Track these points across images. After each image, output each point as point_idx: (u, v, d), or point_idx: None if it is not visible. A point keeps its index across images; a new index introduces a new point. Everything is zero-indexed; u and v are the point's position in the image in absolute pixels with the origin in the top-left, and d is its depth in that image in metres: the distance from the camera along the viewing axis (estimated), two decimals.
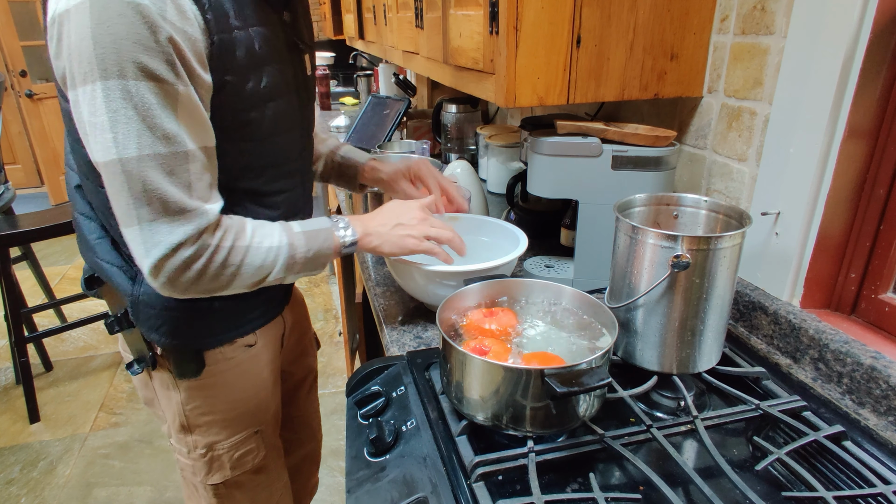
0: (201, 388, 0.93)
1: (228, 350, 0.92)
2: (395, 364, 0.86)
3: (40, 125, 4.68)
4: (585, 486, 0.63)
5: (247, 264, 0.75)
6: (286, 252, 0.78)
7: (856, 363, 0.72)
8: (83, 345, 2.88)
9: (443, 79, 1.29)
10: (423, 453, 0.68)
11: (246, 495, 1.04)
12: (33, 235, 2.22)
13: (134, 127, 0.64)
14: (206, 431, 0.96)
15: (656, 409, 0.77)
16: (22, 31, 4.50)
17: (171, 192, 0.67)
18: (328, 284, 3.47)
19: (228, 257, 0.73)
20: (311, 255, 0.81)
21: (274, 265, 0.77)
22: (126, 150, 0.64)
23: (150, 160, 0.66)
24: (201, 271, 0.72)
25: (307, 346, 1.24)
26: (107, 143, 0.64)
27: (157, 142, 0.65)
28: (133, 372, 0.93)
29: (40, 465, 2.12)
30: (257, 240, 0.76)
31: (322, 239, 0.82)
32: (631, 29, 0.92)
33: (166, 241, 0.68)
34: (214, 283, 0.74)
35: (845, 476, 0.64)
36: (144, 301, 0.84)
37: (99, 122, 0.64)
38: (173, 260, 0.69)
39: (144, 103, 0.64)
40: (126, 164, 0.65)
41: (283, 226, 0.80)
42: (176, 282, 0.71)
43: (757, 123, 0.90)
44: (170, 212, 0.68)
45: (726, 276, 0.72)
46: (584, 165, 0.97)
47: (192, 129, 0.68)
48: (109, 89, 0.63)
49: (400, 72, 2.91)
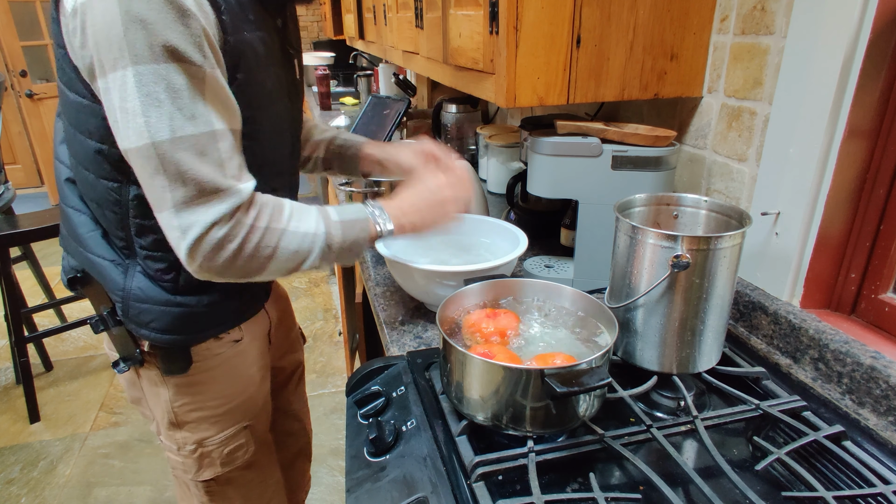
0: (189, 385, 0.92)
1: (215, 346, 0.92)
2: (395, 364, 0.86)
3: (40, 125, 4.68)
4: (585, 486, 0.63)
5: (282, 248, 0.74)
6: (323, 240, 0.77)
7: (856, 363, 0.72)
8: (83, 344, 2.88)
9: (443, 79, 1.29)
10: (423, 453, 0.68)
11: (238, 492, 1.04)
12: (33, 235, 2.22)
13: (165, 110, 0.65)
14: (195, 428, 0.95)
15: (656, 409, 0.77)
16: (22, 31, 4.50)
17: (205, 171, 0.67)
18: (328, 284, 3.47)
19: (264, 238, 0.73)
20: (348, 244, 0.80)
21: (311, 252, 0.76)
22: (159, 134, 0.65)
23: (183, 142, 0.66)
24: (237, 251, 0.71)
25: (294, 342, 1.25)
26: (139, 127, 0.65)
27: (188, 123, 0.66)
28: (119, 370, 0.92)
29: (40, 464, 2.12)
30: (294, 224, 0.75)
31: (359, 229, 0.81)
32: (631, 29, 0.92)
33: (201, 220, 0.68)
34: (251, 264, 0.73)
35: (845, 476, 0.64)
36: (136, 295, 0.83)
37: (131, 107, 0.64)
38: (208, 239, 0.69)
39: (174, 86, 0.65)
40: (160, 148, 0.65)
41: (320, 211, 0.79)
42: (213, 262, 0.70)
43: (757, 123, 0.90)
44: (205, 192, 0.68)
45: (726, 276, 0.72)
46: (583, 165, 0.97)
47: (219, 110, 0.69)
48: (141, 74, 0.63)
49: (400, 72, 2.91)
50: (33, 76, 4.64)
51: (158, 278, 0.83)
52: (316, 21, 5.44)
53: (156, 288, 0.83)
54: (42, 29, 4.63)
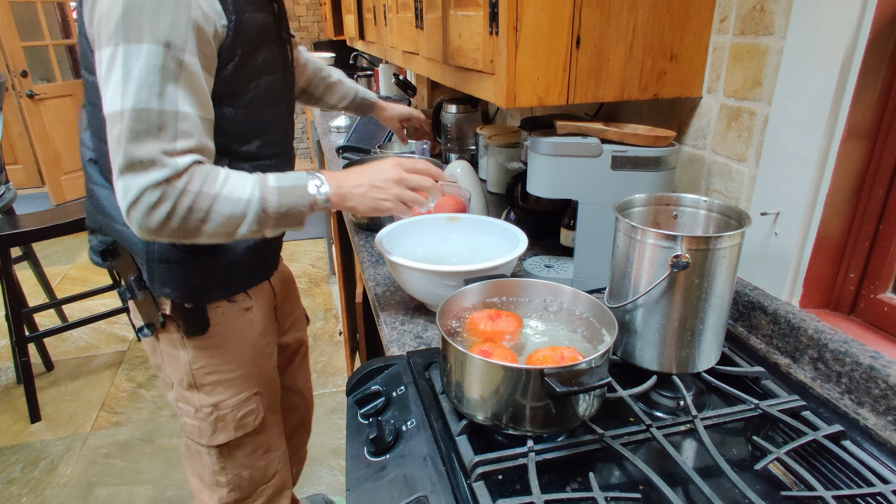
0: (207, 348, 1.03)
1: (229, 312, 1.04)
2: (395, 364, 0.86)
3: (41, 125, 4.68)
4: (585, 486, 0.64)
5: (216, 212, 0.79)
6: (257, 205, 0.81)
7: (855, 363, 0.72)
8: (84, 344, 2.89)
9: (443, 79, 1.29)
10: (423, 453, 0.68)
11: (247, 459, 1.14)
12: (34, 235, 2.22)
13: (138, 84, 0.73)
14: (211, 391, 1.05)
15: (656, 408, 0.77)
16: (23, 32, 4.50)
17: (151, 144, 0.75)
18: (328, 284, 3.47)
19: (196, 202, 0.78)
20: (284, 210, 0.83)
21: (245, 216, 0.81)
22: (127, 103, 0.73)
23: (145, 114, 0.74)
24: (170, 213, 0.77)
25: (297, 320, 1.36)
26: (115, 96, 0.74)
27: (155, 98, 0.74)
28: (143, 335, 1.03)
29: (41, 464, 2.12)
30: (227, 190, 0.80)
31: (296, 196, 0.84)
32: (630, 29, 0.92)
33: (136, 185, 0.75)
34: (186, 226, 0.79)
35: (844, 475, 0.64)
36: (157, 258, 0.94)
37: (114, 78, 0.73)
38: (141, 202, 0.75)
39: (151, 65, 0.73)
40: (124, 115, 0.73)
41: (258, 178, 0.83)
42: (147, 223, 0.77)
43: (756, 123, 0.90)
44: (143, 163, 0.75)
45: (726, 276, 0.72)
46: (583, 165, 0.97)
47: (190, 95, 0.77)
48: (128, 51, 0.73)
49: (400, 72, 2.92)
50: (34, 76, 4.65)
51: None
52: (316, 21, 5.44)
53: (173, 249, 0.94)
54: (42, 29, 4.64)
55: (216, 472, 1.12)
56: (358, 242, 1.39)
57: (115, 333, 2.97)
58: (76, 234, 2.25)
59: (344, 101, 1.43)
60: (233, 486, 1.14)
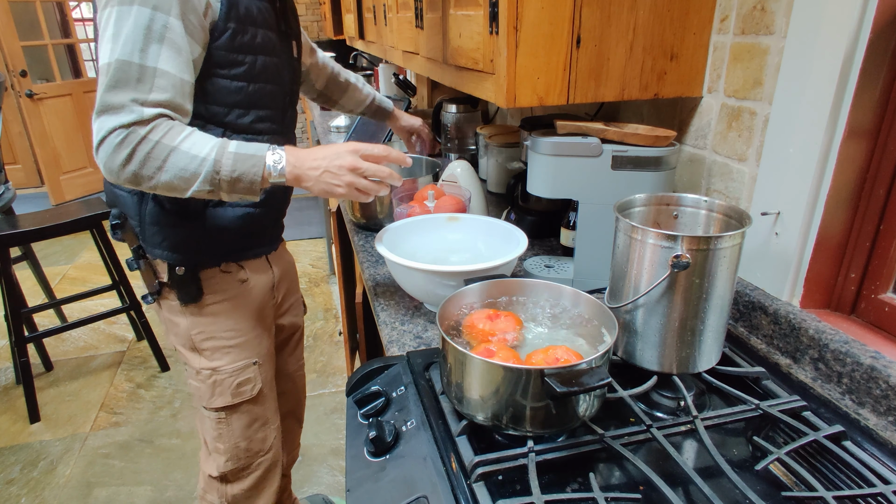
0: (203, 315, 1.10)
1: (224, 281, 1.10)
2: (395, 364, 0.86)
3: (40, 125, 4.68)
4: (585, 486, 0.63)
5: (171, 163, 0.84)
6: (210, 167, 0.85)
7: (855, 363, 0.72)
8: (83, 344, 2.88)
9: (443, 79, 1.29)
10: (423, 453, 0.68)
11: (242, 425, 1.20)
12: (33, 235, 2.22)
13: (126, 39, 0.82)
14: (210, 356, 1.13)
15: (656, 408, 0.77)
16: (22, 31, 4.50)
17: (126, 93, 0.82)
18: (328, 284, 3.47)
19: (154, 150, 0.83)
20: (235, 175, 0.86)
21: (197, 175, 0.85)
22: (114, 55, 0.82)
23: (127, 66, 0.82)
24: (129, 156, 0.83)
25: (295, 305, 1.40)
26: (105, 51, 0.83)
27: (138, 53, 0.82)
28: (147, 301, 1.12)
29: (40, 464, 2.12)
30: (186, 145, 0.85)
31: (250, 164, 0.87)
32: (631, 29, 0.92)
33: (106, 125, 0.82)
34: (142, 171, 0.84)
35: (845, 476, 0.64)
36: (149, 220, 1.03)
37: (108, 34, 0.83)
38: (108, 141, 0.82)
39: (139, 24, 0.82)
40: (109, 66, 0.82)
41: (219, 142, 0.87)
42: (111, 163, 0.83)
43: (757, 123, 0.90)
44: (115, 107, 0.82)
45: (726, 276, 0.72)
46: (583, 165, 0.97)
47: (174, 56, 0.85)
48: (121, 12, 0.82)
49: (400, 72, 2.91)
50: (33, 76, 4.64)
51: (169, 201, 1.00)
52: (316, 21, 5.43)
53: (163, 212, 1.02)
54: (42, 29, 4.63)
55: (215, 437, 1.19)
56: (358, 242, 1.39)
57: (114, 334, 2.97)
58: (76, 234, 2.25)
59: (360, 107, 1.50)
60: (230, 455, 1.21)
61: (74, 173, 4.96)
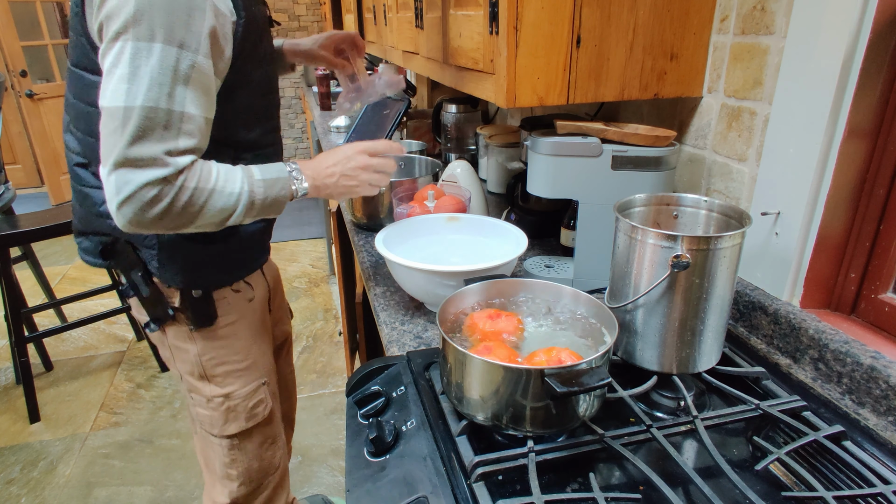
0: (214, 339, 1.05)
1: (234, 301, 1.06)
2: (395, 364, 0.86)
3: (40, 125, 4.68)
4: (585, 486, 0.63)
5: (210, 206, 0.82)
6: (247, 198, 0.85)
7: (855, 363, 0.72)
8: (83, 344, 2.88)
9: (443, 79, 1.29)
10: (423, 453, 0.68)
11: (256, 449, 1.16)
12: (33, 235, 2.22)
13: (149, 82, 0.74)
14: (222, 381, 1.08)
15: (656, 408, 0.77)
16: (22, 31, 4.50)
17: (154, 144, 0.75)
18: (328, 284, 3.47)
19: (192, 197, 0.80)
20: (269, 202, 0.88)
21: (235, 209, 0.84)
22: (133, 100, 0.73)
23: (151, 112, 0.74)
24: (167, 209, 0.78)
25: (285, 313, 1.40)
26: (119, 91, 0.74)
27: (164, 98, 0.75)
28: (150, 330, 1.05)
29: (40, 464, 2.12)
30: (220, 184, 0.83)
31: (279, 188, 0.89)
32: (631, 29, 0.92)
33: (135, 180, 0.75)
34: (180, 220, 0.81)
35: (845, 476, 0.64)
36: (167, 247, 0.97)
37: (119, 73, 0.74)
38: (135, 199, 0.76)
39: (165, 64, 0.74)
40: (129, 112, 0.74)
41: (245, 171, 0.86)
42: (139, 218, 0.78)
43: (757, 123, 0.90)
44: (146, 161, 0.75)
45: (726, 276, 0.72)
46: (583, 165, 0.97)
47: (199, 97, 0.79)
48: (137, 49, 0.73)
49: (400, 72, 2.91)
50: (33, 76, 4.64)
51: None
52: (316, 21, 5.43)
53: (181, 236, 0.96)
54: (42, 29, 4.63)
55: (227, 464, 1.14)
56: (358, 242, 1.39)
57: (114, 333, 2.97)
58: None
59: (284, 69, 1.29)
60: (243, 479, 1.17)
61: None
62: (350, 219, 1.50)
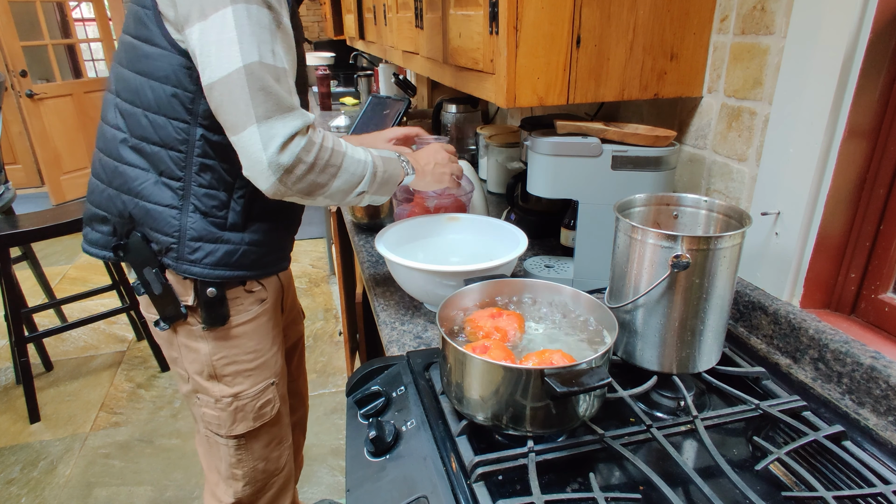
0: (226, 339, 1.05)
1: (247, 302, 1.05)
2: (395, 364, 0.86)
3: (41, 125, 4.68)
4: (585, 486, 0.63)
5: (345, 168, 0.87)
6: (371, 167, 0.90)
7: (855, 363, 0.72)
8: (83, 344, 2.88)
9: (443, 79, 1.29)
10: (423, 453, 0.68)
11: (262, 450, 1.16)
12: (33, 235, 2.22)
13: (255, 39, 0.78)
14: (231, 381, 1.08)
15: (656, 408, 0.77)
16: (22, 31, 4.50)
17: (282, 93, 0.80)
18: (328, 284, 3.47)
19: (331, 157, 0.85)
20: (387, 177, 0.93)
21: (364, 175, 0.89)
22: (249, 57, 0.77)
23: (266, 68, 0.79)
24: (312, 164, 0.82)
25: (297, 314, 1.39)
26: (233, 54, 0.77)
27: (270, 55, 0.79)
28: (161, 328, 1.04)
29: (41, 464, 2.12)
30: (351, 150, 0.88)
31: (394, 165, 0.95)
32: (631, 29, 0.92)
33: (282, 131, 0.79)
34: (319, 179, 0.84)
35: (845, 476, 0.64)
36: (190, 234, 0.95)
37: (227, 37, 0.77)
38: (290, 148, 0.79)
39: (262, 23, 0.79)
40: (249, 69, 0.77)
41: (363, 146, 0.92)
42: (290, 173, 0.81)
43: (757, 123, 0.90)
44: (282, 109, 0.79)
45: (726, 276, 0.72)
46: (583, 165, 0.97)
47: (287, 53, 0.83)
48: (238, 11, 0.77)
49: (400, 72, 2.92)
50: (33, 76, 4.64)
51: (212, 214, 0.95)
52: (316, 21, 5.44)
53: (207, 225, 0.95)
54: (42, 29, 4.63)
55: (233, 464, 1.14)
56: (358, 242, 1.39)
57: (114, 334, 2.97)
58: (76, 234, 2.25)
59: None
60: (248, 479, 1.17)
61: (75, 173, 4.96)
62: (350, 219, 1.50)
